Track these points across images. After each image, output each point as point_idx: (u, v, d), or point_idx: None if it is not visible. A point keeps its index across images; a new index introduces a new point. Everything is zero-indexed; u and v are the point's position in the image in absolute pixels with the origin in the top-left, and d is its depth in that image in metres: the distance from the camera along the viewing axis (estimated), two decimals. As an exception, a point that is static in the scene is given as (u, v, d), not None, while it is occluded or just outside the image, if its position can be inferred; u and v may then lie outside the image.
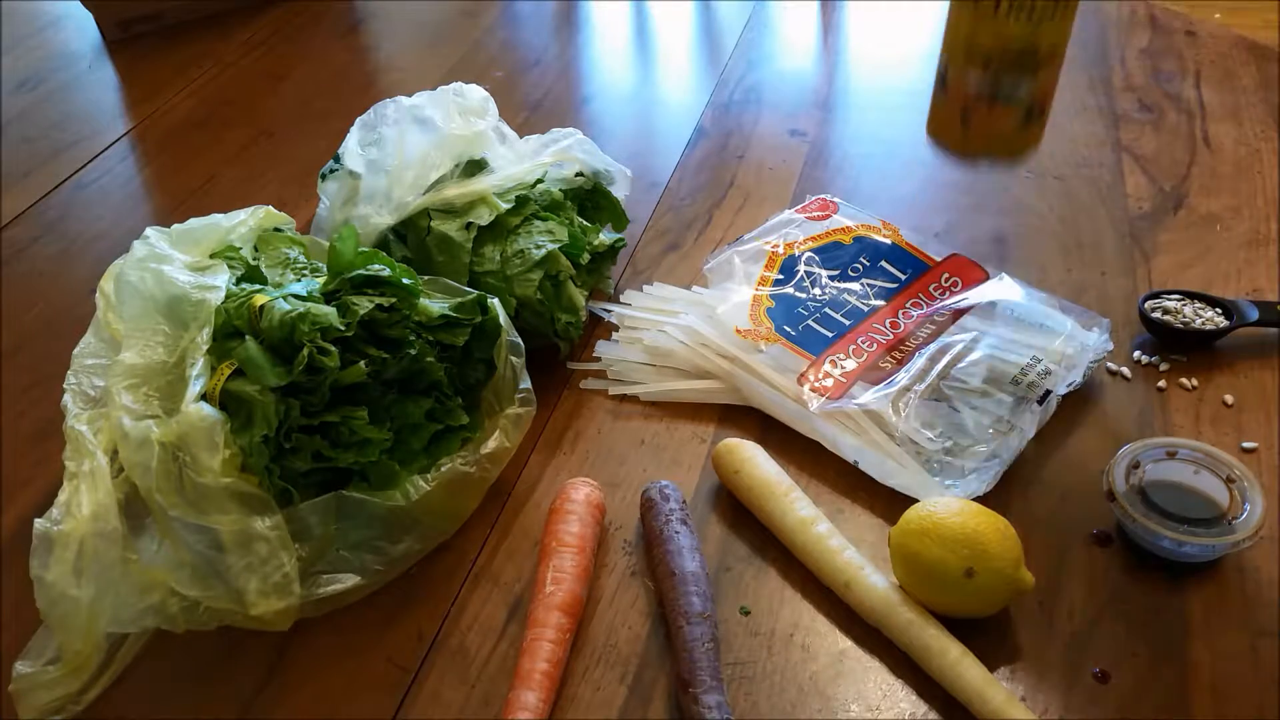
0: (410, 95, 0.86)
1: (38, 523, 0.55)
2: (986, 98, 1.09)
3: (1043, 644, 0.58)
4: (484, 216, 0.77)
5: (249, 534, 0.56)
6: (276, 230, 0.73)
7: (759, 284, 0.81)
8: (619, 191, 0.88)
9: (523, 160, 0.83)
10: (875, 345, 0.75)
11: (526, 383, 0.68)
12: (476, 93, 0.87)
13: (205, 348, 0.60)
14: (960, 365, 0.71)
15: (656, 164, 1.06)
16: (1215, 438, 0.70)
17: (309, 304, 0.60)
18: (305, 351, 0.58)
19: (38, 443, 0.77)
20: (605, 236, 0.84)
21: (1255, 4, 1.31)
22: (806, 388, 0.71)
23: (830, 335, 0.76)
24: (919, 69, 1.19)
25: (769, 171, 1.03)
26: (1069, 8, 1.05)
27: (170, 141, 1.18)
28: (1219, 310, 0.78)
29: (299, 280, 0.67)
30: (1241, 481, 0.61)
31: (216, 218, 0.70)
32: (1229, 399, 0.73)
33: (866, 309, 0.78)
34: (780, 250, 0.85)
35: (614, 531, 0.67)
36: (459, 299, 0.66)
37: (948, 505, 0.59)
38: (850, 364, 0.73)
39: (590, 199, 0.86)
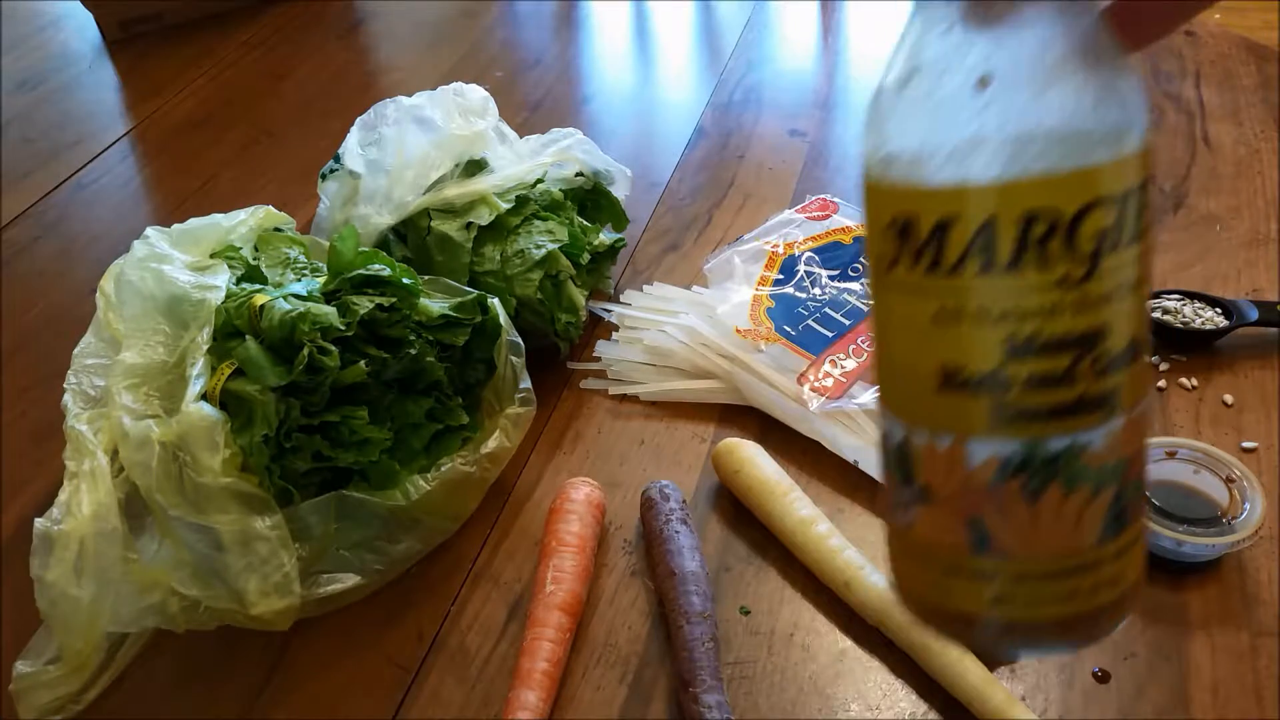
0: (410, 95, 0.86)
1: (38, 522, 0.56)
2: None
3: (1043, 644, 0.58)
4: (484, 216, 0.77)
5: (249, 534, 0.56)
6: (277, 230, 0.74)
7: (759, 284, 0.81)
8: (619, 191, 0.88)
9: (523, 160, 0.83)
10: (875, 345, 0.75)
11: (526, 382, 0.68)
12: (476, 93, 0.87)
13: (205, 347, 0.60)
14: (960, 365, 0.71)
15: (656, 164, 1.06)
16: (1215, 437, 0.70)
17: (309, 304, 0.60)
18: (305, 351, 0.58)
19: (38, 442, 0.77)
20: (605, 236, 0.84)
21: (1255, 4, 1.31)
22: (806, 387, 0.71)
23: (830, 335, 0.76)
24: (919, 69, 1.19)
25: (769, 171, 1.03)
26: None
27: (170, 141, 1.18)
28: (1219, 310, 0.78)
29: (299, 280, 0.67)
30: (1241, 481, 0.61)
31: (217, 217, 0.70)
32: (1229, 399, 0.73)
33: (867, 309, 0.78)
34: (780, 250, 0.85)
35: (614, 531, 0.67)
36: (459, 299, 0.66)
37: (948, 505, 0.59)
38: (850, 364, 0.73)
39: (590, 199, 0.87)
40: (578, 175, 0.85)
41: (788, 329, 0.76)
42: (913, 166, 0.27)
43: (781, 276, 0.82)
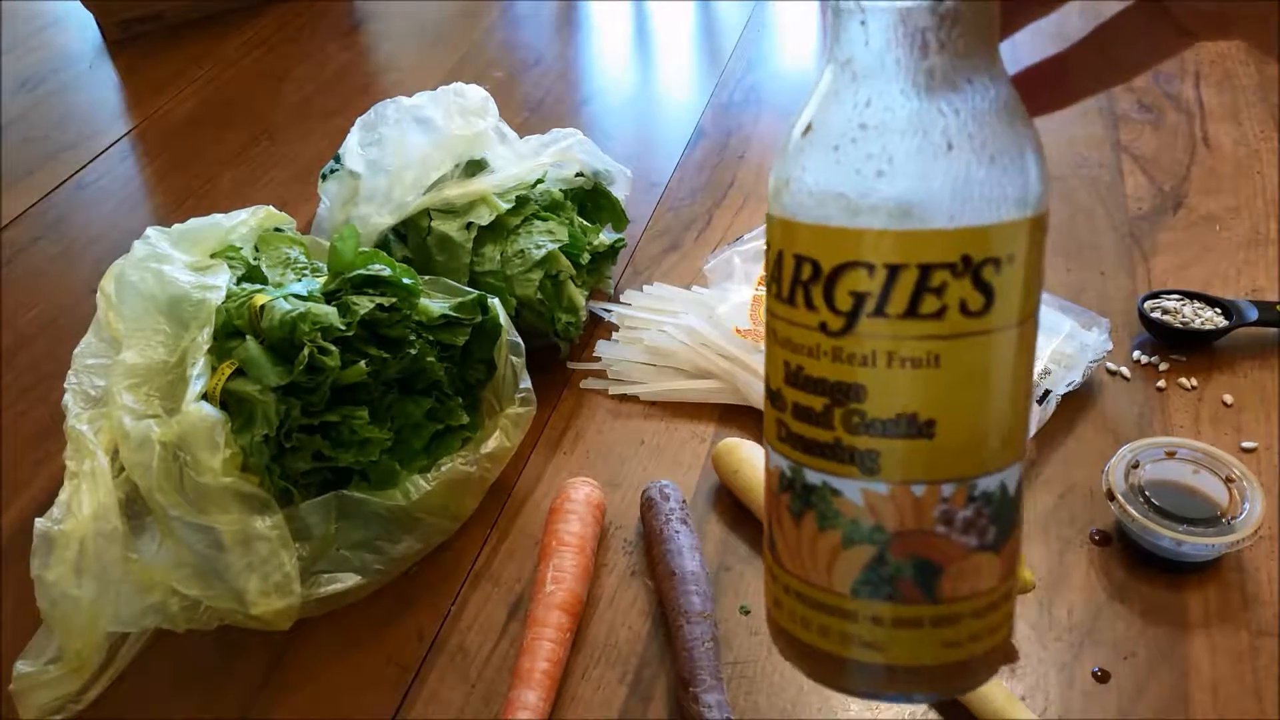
0: (410, 95, 0.86)
1: (38, 522, 0.56)
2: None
3: (1042, 643, 0.58)
4: (484, 216, 0.77)
5: (249, 533, 0.56)
6: (277, 230, 0.74)
7: (759, 284, 0.81)
8: (619, 191, 0.88)
9: (523, 160, 0.83)
10: (875, 345, 0.75)
11: (527, 382, 0.68)
12: (477, 93, 0.87)
13: (206, 347, 0.60)
14: (960, 365, 0.71)
15: (656, 164, 1.06)
16: (1215, 437, 0.70)
17: (309, 304, 0.60)
18: (306, 351, 0.58)
19: (38, 442, 0.77)
20: (605, 236, 0.84)
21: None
22: (806, 388, 0.71)
23: (830, 335, 0.76)
24: (919, 69, 1.19)
25: (769, 171, 1.03)
26: None
27: (171, 141, 1.18)
28: (1218, 310, 0.78)
29: (299, 280, 0.67)
30: (1241, 481, 0.61)
31: (217, 218, 0.70)
32: (1228, 399, 0.73)
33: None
34: (780, 250, 0.85)
35: (614, 531, 0.67)
36: (459, 299, 0.66)
37: (947, 505, 0.59)
38: (850, 364, 0.73)
39: (590, 199, 0.87)
40: (578, 175, 0.85)
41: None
42: (771, 195, 0.31)
43: (781, 276, 0.82)
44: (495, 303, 0.67)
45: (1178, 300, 0.79)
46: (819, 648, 0.31)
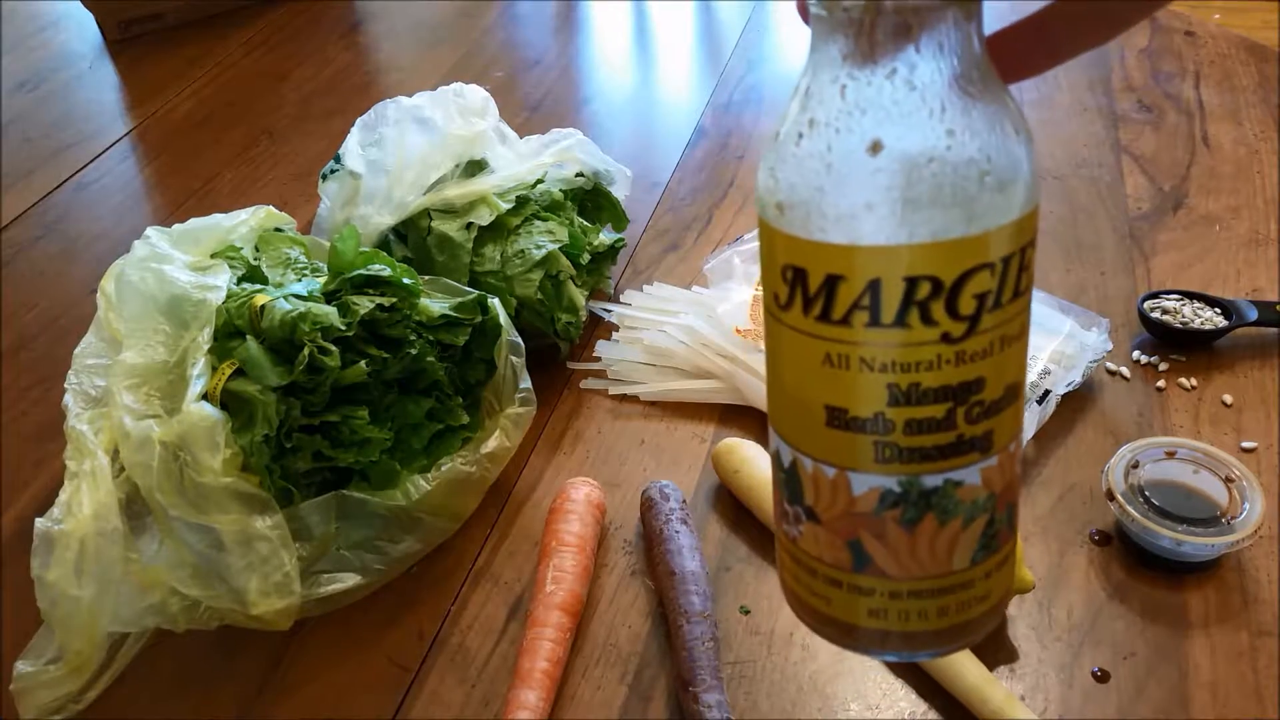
0: (410, 95, 0.86)
1: (39, 522, 0.56)
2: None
3: (1042, 643, 0.58)
4: (484, 216, 0.77)
5: (250, 533, 0.56)
6: (277, 230, 0.74)
7: (759, 284, 0.81)
8: (619, 191, 0.88)
9: (523, 160, 0.83)
10: (875, 345, 0.75)
11: (527, 382, 0.68)
12: (477, 93, 0.87)
13: (206, 347, 0.60)
14: (960, 365, 0.71)
15: (656, 164, 1.06)
16: (1214, 437, 0.70)
17: (310, 304, 0.60)
18: (306, 351, 0.58)
19: (39, 442, 0.77)
20: (605, 236, 0.84)
21: (1255, 4, 1.31)
22: (806, 388, 0.71)
23: (830, 335, 0.76)
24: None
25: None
26: None
27: (171, 142, 1.18)
28: (1218, 310, 0.78)
29: (300, 280, 0.67)
30: (1241, 481, 0.61)
31: (217, 217, 0.70)
32: (1228, 399, 0.73)
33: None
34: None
35: (614, 531, 0.67)
36: (459, 299, 0.66)
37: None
38: (850, 364, 0.73)
39: (590, 199, 0.87)
40: (578, 175, 0.85)
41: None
42: (805, 220, 0.28)
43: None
44: (495, 303, 0.67)
45: (1177, 300, 0.79)
46: (938, 628, 0.32)
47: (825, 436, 0.30)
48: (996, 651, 0.58)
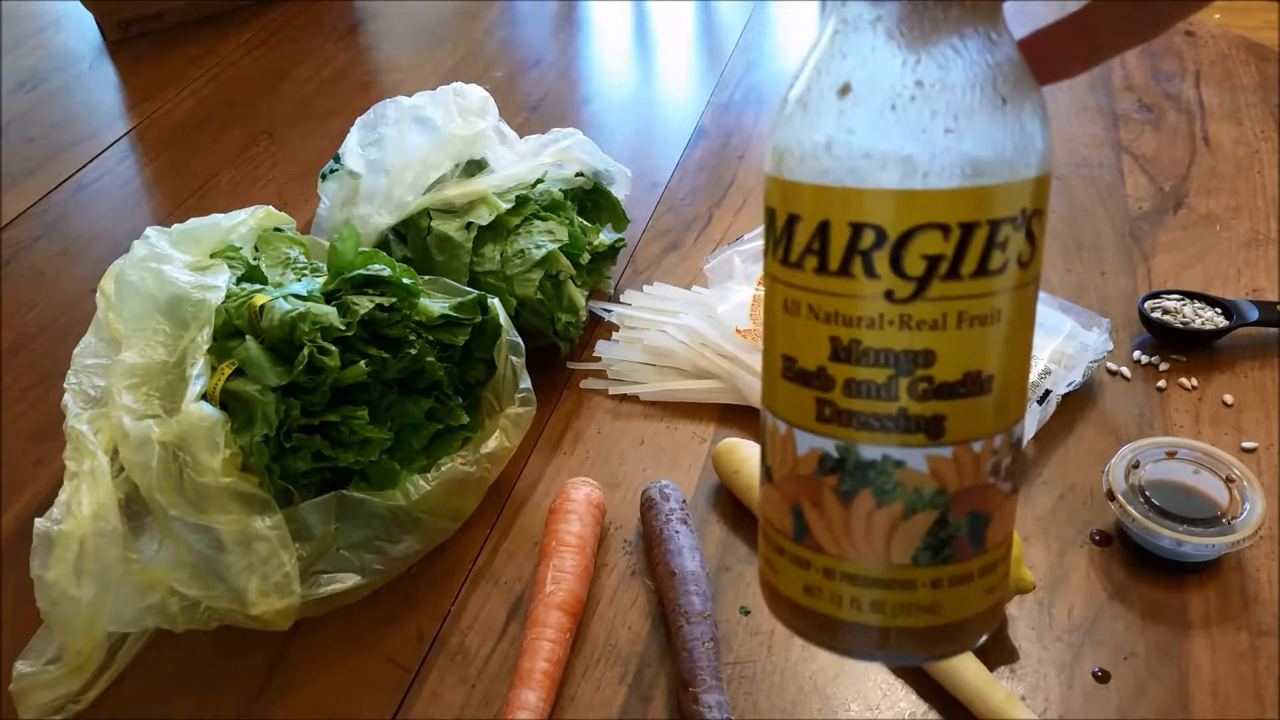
0: (410, 95, 0.86)
1: (38, 522, 0.56)
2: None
3: (1042, 643, 0.58)
4: (484, 216, 0.77)
5: (249, 534, 0.56)
6: (277, 230, 0.74)
7: (759, 284, 0.81)
8: (619, 191, 0.88)
9: (523, 160, 0.83)
10: (875, 345, 0.75)
11: (526, 382, 0.68)
12: (476, 93, 0.87)
13: (206, 347, 0.60)
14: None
15: (656, 164, 1.06)
16: (1215, 437, 0.70)
17: (309, 304, 0.60)
18: (305, 351, 0.58)
19: (38, 442, 0.77)
20: (605, 236, 0.84)
21: (1255, 4, 1.31)
22: (806, 387, 0.71)
23: (830, 335, 0.76)
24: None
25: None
26: None
27: (171, 141, 1.18)
28: (1219, 310, 0.78)
29: (299, 280, 0.67)
30: (1241, 481, 0.61)
31: (217, 217, 0.70)
32: (1229, 399, 0.73)
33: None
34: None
35: (614, 531, 0.67)
36: (459, 299, 0.66)
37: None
38: (850, 364, 0.73)
39: (590, 199, 0.87)
40: (578, 175, 0.85)
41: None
42: (780, 161, 0.29)
43: (781, 276, 0.82)
44: (495, 303, 0.67)
45: (1178, 300, 0.79)
46: (872, 624, 0.30)
47: (781, 389, 0.30)
48: (997, 651, 0.58)
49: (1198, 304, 0.79)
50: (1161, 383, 0.75)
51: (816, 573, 0.30)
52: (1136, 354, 0.77)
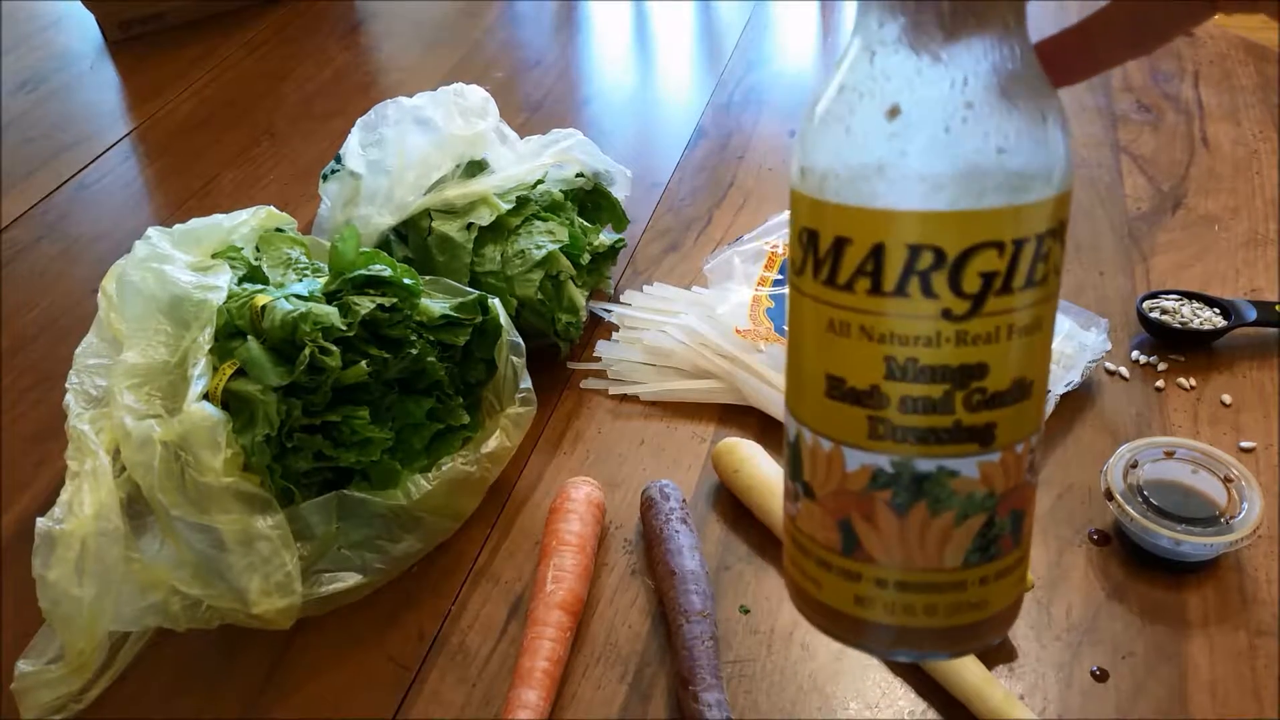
0: (411, 96, 0.86)
1: (40, 522, 0.56)
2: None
3: (1041, 643, 0.59)
4: (485, 217, 0.77)
5: (251, 533, 0.56)
6: (278, 230, 0.74)
7: (759, 284, 0.81)
8: (619, 192, 0.89)
9: (523, 161, 0.83)
10: (874, 345, 0.75)
11: (527, 382, 0.68)
12: (477, 93, 0.87)
13: (207, 347, 0.60)
14: (959, 365, 0.71)
15: (656, 164, 1.06)
16: (1213, 437, 0.70)
17: (310, 304, 0.60)
18: (307, 351, 0.58)
19: (39, 442, 0.77)
20: (605, 237, 0.84)
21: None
22: (806, 387, 0.71)
23: (830, 335, 0.76)
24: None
25: (769, 171, 1.03)
26: None
27: (172, 142, 1.18)
28: (1217, 310, 0.78)
29: (300, 280, 0.67)
30: (1239, 481, 0.62)
31: (218, 218, 0.70)
32: (1227, 399, 0.73)
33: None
34: (780, 250, 0.85)
35: (614, 531, 0.67)
36: (460, 299, 0.67)
37: (947, 505, 0.59)
38: (849, 364, 0.73)
39: (590, 199, 0.87)
40: (578, 176, 0.85)
41: (788, 329, 0.76)
42: (821, 182, 0.29)
43: (781, 276, 0.82)
44: (495, 303, 0.67)
45: (1176, 300, 0.79)
46: (927, 627, 0.31)
47: (824, 408, 0.30)
48: (996, 651, 0.58)
49: (1196, 304, 0.79)
50: (1160, 383, 0.75)
51: (869, 583, 0.31)
52: (1135, 354, 0.77)
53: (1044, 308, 0.29)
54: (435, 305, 0.65)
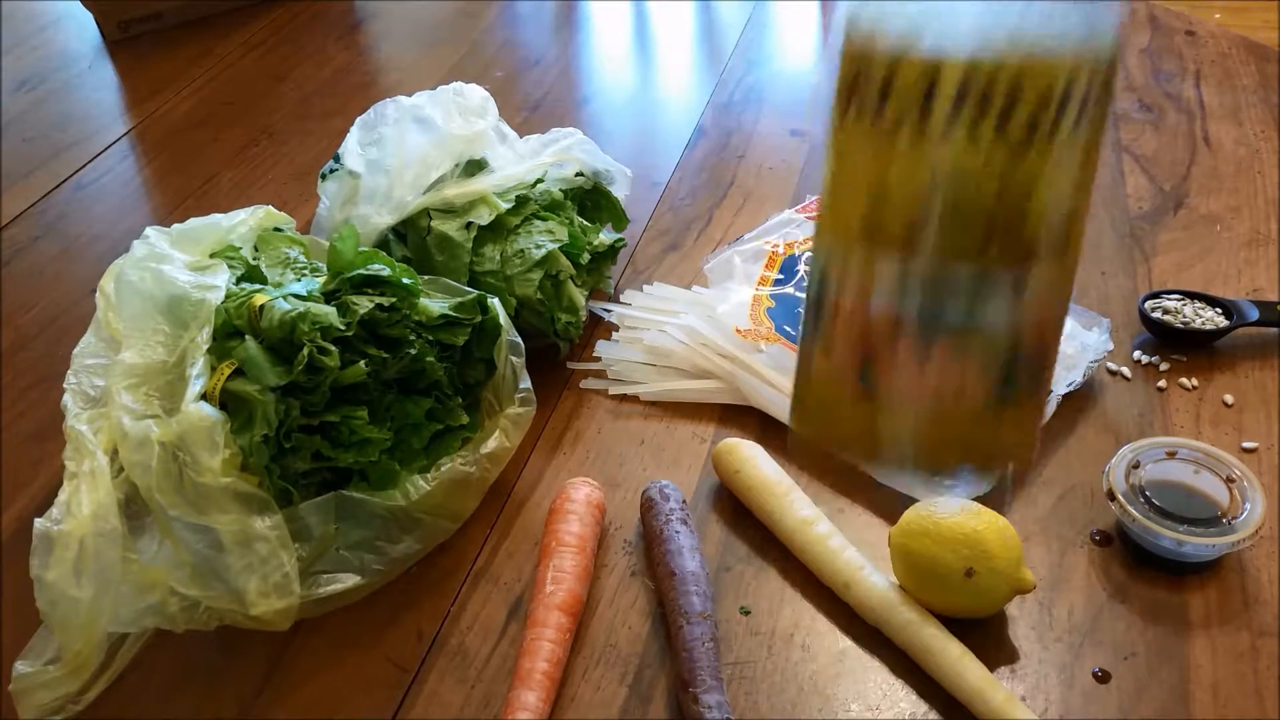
0: (410, 95, 0.86)
1: (38, 522, 0.56)
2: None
3: (1043, 644, 0.58)
4: (484, 216, 0.77)
5: (249, 534, 0.56)
6: (276, 230, 0.73)
7: (759, 284, 0.81)
8: (619, 191, 0.88)
9: (523, 160, 0.83)
10: (875, 345, 0.74)
11: (526, 382, 0.68)
12: (476, 93, 0.87)
13: (205, 347, 0.60)
14: (960, 365, 0.71)
15: (656, 164, 1.06)
16: (1215, 437, 0.70)
17: (309, 304, 0.60)
18: (305, 351, 0.58)
19: (38, 442, 0.77)
20: (605, 236, 0.84)
21: (1255, 4, 1.31)
22: (806, 387, 0.71)
23: (830, 335, 0.76)
24: (919, 69, 1.19)
25: (769, 171, 1.03)
26: None
27: (170, 141, 1.18)
28: (1219, 310, 0.78)
29: (299, 280, 0.67)
30: (1241, 481, 0.61)
31: (216, 217, 0.70)
32: (1229, 399, 0.73)
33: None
34: (780, 250, 0.85)
35: (614, 531, 0.67)
36: (459, 299, 0.66)
37: (948, 505, 0.59)
38: (850, 364, 0.73)
39: (590, 199, 0.87)
40: (578, 175, 0.85)
41: (788, 329, 0.76)
42: (874, 26, 0.30)
43: (781, 276, 0.82)
44: (495, 303, 0.67)
45: (1178, 300, 0.79)
46: (948, 457, 0.36)
47: (861, 245, 0.33)
48: (997, 652, 0.58)
49: (1198, 304, 0.79)
50: (1162, 383, 0.75)
51: (888, 418, 0.34)
52: (1137, 354, 0.77)
53: (1091, 153, 0.31)
54: (434, 305, 0.65)
